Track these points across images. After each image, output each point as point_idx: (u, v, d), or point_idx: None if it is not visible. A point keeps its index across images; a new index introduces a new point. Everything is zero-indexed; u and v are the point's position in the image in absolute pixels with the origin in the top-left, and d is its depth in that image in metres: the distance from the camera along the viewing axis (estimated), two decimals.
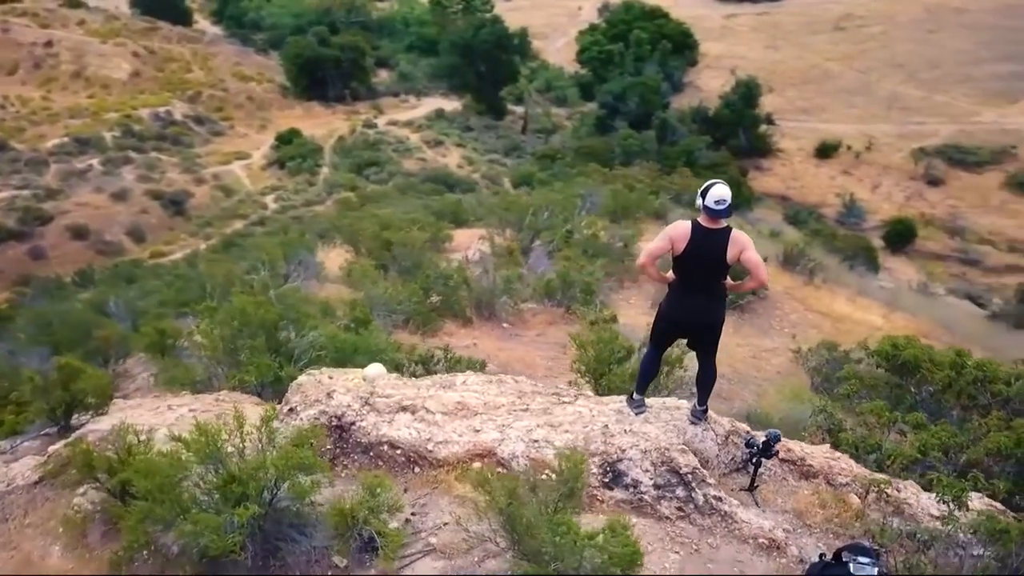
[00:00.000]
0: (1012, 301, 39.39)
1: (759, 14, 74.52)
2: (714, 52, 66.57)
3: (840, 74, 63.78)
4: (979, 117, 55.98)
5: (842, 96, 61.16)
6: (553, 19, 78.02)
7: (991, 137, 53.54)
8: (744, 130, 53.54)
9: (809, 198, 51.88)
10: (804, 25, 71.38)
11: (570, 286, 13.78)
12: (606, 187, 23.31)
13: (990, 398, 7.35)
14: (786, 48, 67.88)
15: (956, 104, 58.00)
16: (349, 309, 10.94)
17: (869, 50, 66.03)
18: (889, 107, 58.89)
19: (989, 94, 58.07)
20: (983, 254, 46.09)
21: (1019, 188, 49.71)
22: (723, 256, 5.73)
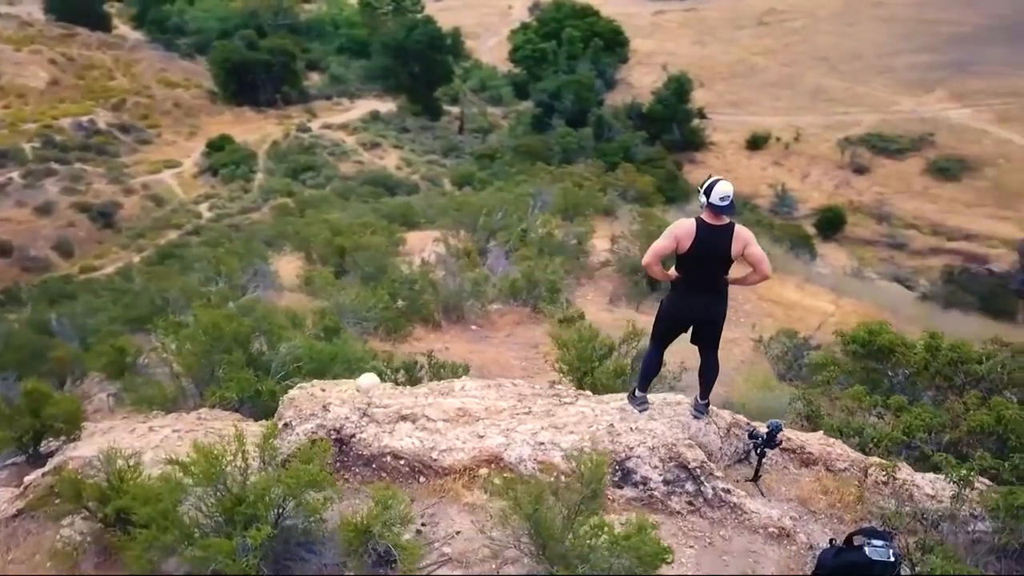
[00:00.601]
0: (938, 282, 41.19)
1: (686, 10, 75.93)
2: (644, 49, 67.56)
3: (766, 68, 65.47)
4: (898, 106, 58.17)
5: (769, 89, 62.78)
6: (484, 19, 78.03)
7: (910, 125, 55.67)
8: (677, 125, 54.52)
9: (742, 189, 52.87)
10: (729, 21, 73.03)
11: (535, 285, 13.79)
12: (555, 186, 23.41)
13: (964, 378, 7.64)
14: (713, 44, 69.35)
15: (876, 94, 60.11)
16: (318, 318, 10.72)
17: (792, 44, 67.97)
18: (814, 99, 60.70)
19: (907, 84, 60.38)
20: (908, 238, 47.95)
21: (939, 174, 51.81)
22: (728, 252, 5.80)
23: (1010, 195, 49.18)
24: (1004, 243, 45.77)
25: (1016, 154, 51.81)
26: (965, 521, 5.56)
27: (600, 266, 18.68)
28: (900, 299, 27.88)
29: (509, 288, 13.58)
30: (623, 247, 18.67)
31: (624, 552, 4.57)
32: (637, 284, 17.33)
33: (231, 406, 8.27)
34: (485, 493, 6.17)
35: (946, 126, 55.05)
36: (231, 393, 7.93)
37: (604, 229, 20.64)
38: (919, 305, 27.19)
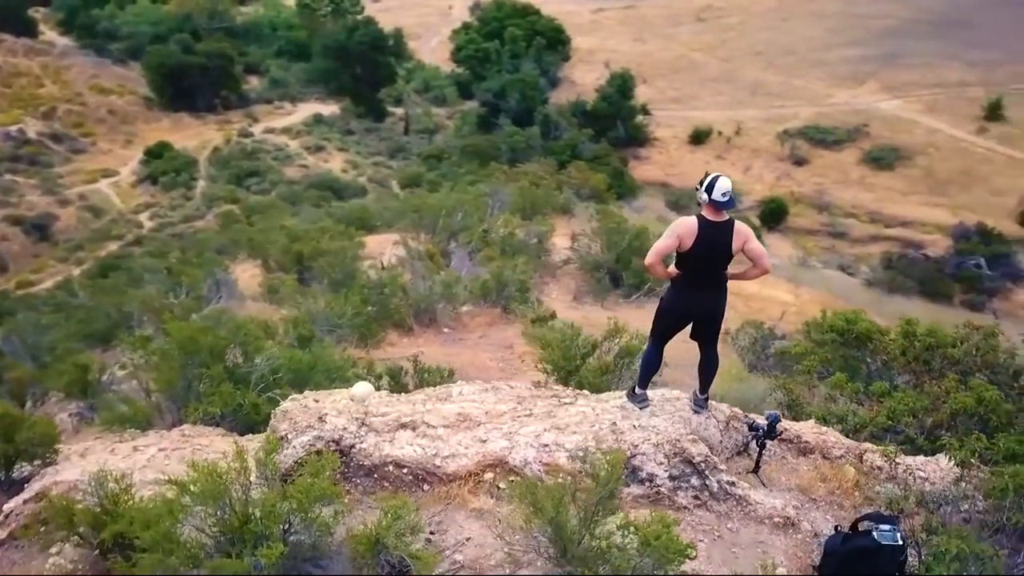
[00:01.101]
0: (879, 269, 42.48)
1: (625, 8, 76.74)
2: (586, 46, 68.04)
3: (705, 63, 66.55)
4: (833, 99, 59.73)
5: (709, 84, 63.85)
6: (424, 19, 77.61)
7: (845, 117, 57.23)
8: (622, 121, 55.02)
9: (687, 183, 53.61)
10: (668, 18, 74.06)
11: (504, 286, 13.77)
12: (511, 185, 23.42)
13: (941, 362, 7.89)
14: (653, 40, 70.24)
15: (812, 87, 61.65)
16: (291, 327, 10.52)
17: (730, 40, 69.25)
18: (753, 93, 61.93)
19: (840, 77, 62.07)
20: (848, 227, 49.26)
21: (874, 163, 53.36)
22: (730, 248, 5.85)
23: (941, 182, 50.96)
24: (938, 229, 47.37)
25: (945, 143, 53.72)
26: (956, 501, 5.73)
27: (562, 264, 18.76)
28: (849, 286, 28.67)
29: (480, 289, 13.53)
30: (584, 245, 18.78)
31: (651, 550, 4.58)
32: (600, 281, 17.45)
33: (213, 421, 8.06)
34: (491, 498, 6.15)
35: (879, 117, 56.74)
36: (214, 408, 7.72)
37: (562, 227, 20.74)
38: (866, 291, 27.99)
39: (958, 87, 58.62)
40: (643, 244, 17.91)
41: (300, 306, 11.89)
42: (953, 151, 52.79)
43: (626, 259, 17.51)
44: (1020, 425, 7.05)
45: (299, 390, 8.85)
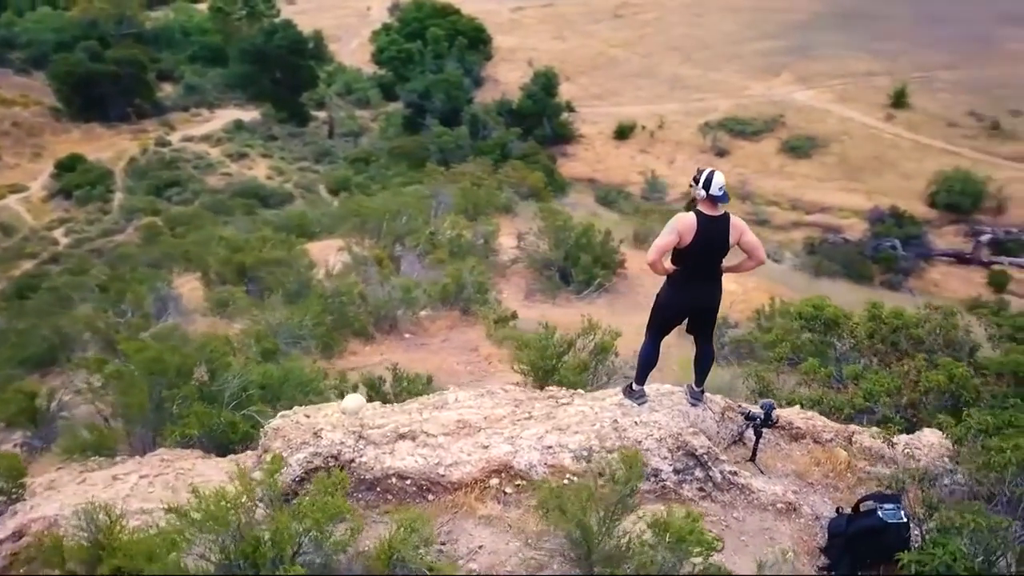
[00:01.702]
0: (801, 254, 43.96)
1: (544, 6, 77.25)
2: (507, 45, 68.25)
3: (625, 59, 67.58)
4: (750, 91, 61.46)
5: (630, 80, 64.86)
6: (343, 21, 76.50)
7: (762, 108, 58.95)
8: (548, 119, 55.39)
9: (614, 178, 54.56)
10: (586, 15, 74.88)
11: (462, 288, 13.69)
12: (452, 186, 23.30)
13: (907, 342, 8.20)
14: (573, 38, 70.93)
15: (729, 80, 63.28)
16: (254, 341, 10.21)
17: (647, 35, 70.50)
18: (673, 87, 63.20)
19: (755, 69, 63.89)
20: (771, 214, 50.76)
21: (792, 152, 55.13)
22: (727, 242, 5.94)
23: (855, 169, 52.99)
24: (855, 213, 49.26)
25: (857, 131, 55.90)
26: (938, 476, 5.97)
27: (511, 264, 18.75)
28: (781, 272, 29.44)
29: (439, 293, 13.41)
30: (531, 243, 18.83)
31: (681, 545, 4.62)
32: (551, 279, 17.53)
33: (187, 443, 7.76)
34: (499, 504, 6.11)
35: (794, 107, 58.65)
36: (192, 429, 7.43)
37: (506, 227, 20.75)
38: (796, 276, 28.83)
39: (865, 77, 61.08)
40: (590, 241, 18.11)
41: (258, 319, 11.54)
42: (864, 138, 54.98)
43: (574, 256, 17.63)
44: (987, 399, 7.39)
45: (272, 406, 8.64)
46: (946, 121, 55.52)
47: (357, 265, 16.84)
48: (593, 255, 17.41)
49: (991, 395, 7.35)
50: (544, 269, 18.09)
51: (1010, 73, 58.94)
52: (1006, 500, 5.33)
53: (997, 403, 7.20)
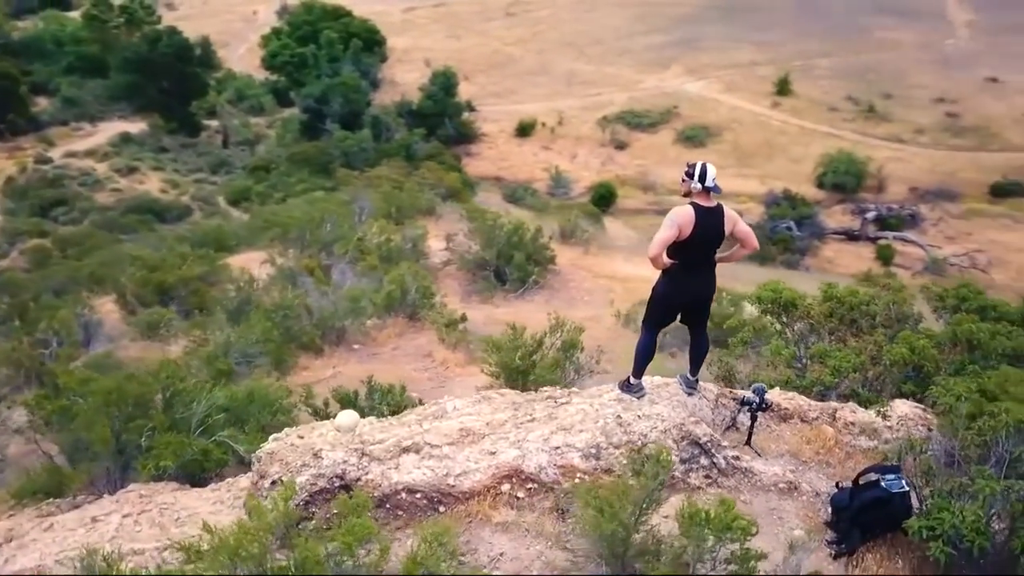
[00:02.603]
0: None
1: (435, 6, 76.97)
2: (402, 46, 67.67)
3: (521, 57, 68.13)
4: (643, 84, 63.05)
5: (527, 77, 65.43)
6: (228, 26, 73.98)
7: (656, 100, 60.59)
8: (449, 119, 55.28)
9: (519, 175, 54.96)
10: (479, 13, 75.07)
11: (406, 293, 13.50)
12: (373, 191, 22.92)
13: (865, 320, 8.61)
14: (467, 37, 70.96)
15: (623, 74, 64.73)
16: (206, 363, 9.78)
17: (541, 32, 71.29)
18: (569, 83, 64.14)
19: (647, 63, 65.59)
20: (672, 203, 52.10)
21: (687, 142, 56.84)
22: (723, 232, 6.05)
23: (747, 155, 55.08)
24: (751, 198, 51.17)
25: (747, 118, 58.19)
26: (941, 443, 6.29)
27: (442, 266, 18.63)
28: None
29: (385, 300, 13.16)
30: (462, 245, 18.77)
31: (721, 533, 4.70)
32: (487, 279, 17.50)
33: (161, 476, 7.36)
34: (512, 509, 6.06)
35: (686, 98, 60.51)
36: (167, 461, 7.04)
37: (432, 229, 20.59)
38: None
39: (750, 66, 63.67)
40: (522, 239, 18.18)
41: (203, 340, 11.04)
42: (754, 125, 57.28)
43: (507, 255, 17.67)
44: (946, 368, 7.83)
45: (240, 429, 8.30)
46: (827, 106, 58.49)
47: (285, 277, 16.37)
48: (526, 253, 17.48)
49: (949, 364, 7.79)
50: (477, 270, 18.06)
51: (880, 59, 62.71)
52: (995, 462, 5.65)
53: (955, 371, 7.65)
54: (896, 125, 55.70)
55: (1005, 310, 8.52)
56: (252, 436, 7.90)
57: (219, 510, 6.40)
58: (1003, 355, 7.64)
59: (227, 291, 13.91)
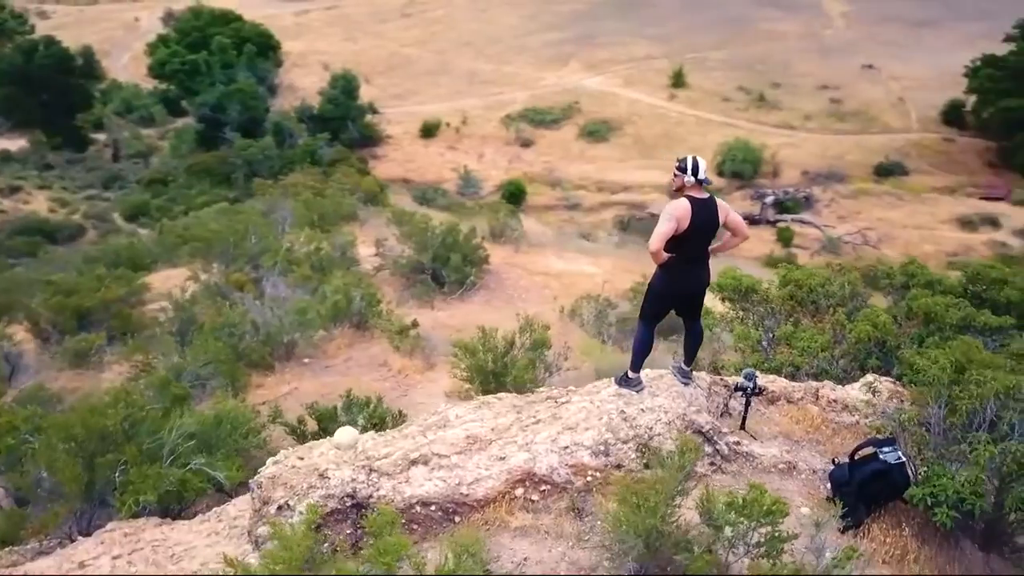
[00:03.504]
0: (613, 232, 46.42)
1: (328, 8, 75.56)
2: (297, 50, 66.13)
3: (419, 58, 67.71)
4: (544, 81, 63.74)
5: (427, 78, 65.11)
6: (109, 34, 70.48)
7: (557, 97, 61.34)
8: (352, 122, 54.41)
9: (427, 176, 54.60)
10: (373, 15, 74.16)
11: (351, 302, 13.21)
12: (292, 199, 22.29)
13: (824, 300, 8.97)
14: (363, 39, 69.99)
15: (522, 72, 65.27)
16: (160, 387, 9.31)
17: (438, 32, 71.03)
18: (470, 82, 64.20)
19: (545, 60, 66.37)
20: (580, 198, 52.97)
21: (590, 137, 57.84)
22: (717, 223, 6.14)
23: (649, 147, 56.46)
24: (655, 188, 52.45)
25: (645, 111, 59.62)
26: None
27: (375, 272, 18.32)
28: (611, 250, 30.90)
29: (331, 310, 12.83)
30: (392, 249, 18.53)
31: (762, 518, 4.81)
32: (424, 283, 17.32)
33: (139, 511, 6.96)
34: (528, 513, 6.01)
35: (586, 94, 61.52)
36: (149, 495, 6.66)
37: (357, 234, 20.23)
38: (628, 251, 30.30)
39: (646, 60, 65.34)
40: (456, 240, 18.08)
41: (146, 365, 10.48)
42: (653, 118, 58.74)
43: (443, 257, 17.54)
44: (906, 342, 8.25)
45: (210, 454, 7.96)
46: (721, 97, 60.60)
47: (212, 294, 15.76)
48: (462, 254, 17.39)
49: (908, 338, 8.21)
50: (411, 274, 17.85)
51: (767, 50, 65.45)
52: (977, 427, 5.99)
53: (916, 343, 8.07)
54: (786, 113, 58.19)
55: (949, 284, 9.04)
56: (229, 462, 7.58)
57: (216, 542, 6.11)
58: (955, 326, 8.10)
59: (154, 312, 13.27)
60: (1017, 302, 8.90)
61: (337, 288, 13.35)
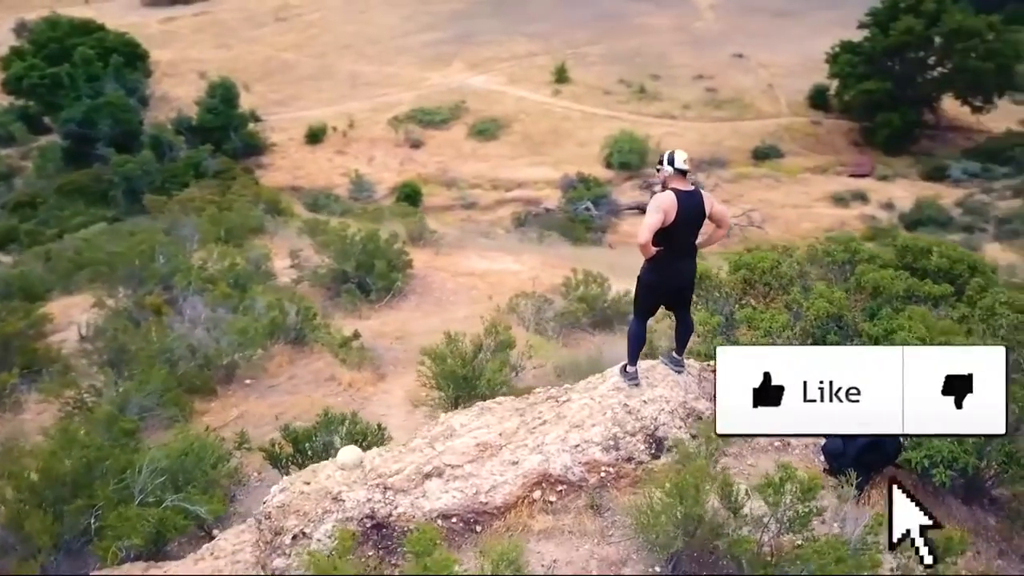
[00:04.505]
0: (511, 229, 46.76)
1: (196, 15, 72.49)
2: (166, 59, 63.12)
3: (298, 62, 65.99)
4: (429, 81, 63.37)
5: (308, 83, 63.54)
6: None
7: (444, 97, 61.11)
8: (234, 131, 52.47)
9: (317, 183, 53.29)
10: (246, 20, 71.69)
11: (286, 317, 12.75)
12: (194, 215, 21.29)
13: (776, 281, 9.34)
14: (237, 45, 67.57)
15: (406, 73, 64.67)
16: (106, 423, 8.71)
17: (315, 36, 69.41)
18: (353, 85, 63.07)
19: (428, 60, 65.98)
20: (476, 196, 53.08)
21: (480, 135, 57.94)
22: (703, 213, 6.18)
23: (538, 143, 57.18)
24: (547, 184, 53.19)
25: (532, 108, 60.28)
26: None
27: (294, 284, 17.74)
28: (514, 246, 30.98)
29: (268, 328, 12.32)
30: (312, 260, 18.03)
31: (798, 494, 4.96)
32: (349, 292, 16.91)
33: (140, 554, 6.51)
34: (548, 515, 5.98)
35: (472, 93, 61.60)
36: (137, 539, 6.22)
37: (279, 248, 19.58)
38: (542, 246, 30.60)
39: (527, 57, 66.03)
40: (379, 246, 17.74)
41: (78, 400, 9.76)
42: (540, 114, 59.48)
43: (367, 264, 17.19)
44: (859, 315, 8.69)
45: (181, 489, 7.55)
46: (603, 90, 61.99)
47: (120, 320, 14.87)
48: (386, 260, 17.09)
49: (860, 311, 8.66)
50: (334, 284, 17.40)
51: (643, 43, 67.41)
52: None
53: (869, 316, 8.52)
54: (666, 103, 60.14)
55: (886, 258, 9.60)
56: (207, 495, 7.18)
57: None
58: (902, 297, 8.60)
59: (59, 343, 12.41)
60: (946, 270, 9.54)
61: (271, 303, 12.84)
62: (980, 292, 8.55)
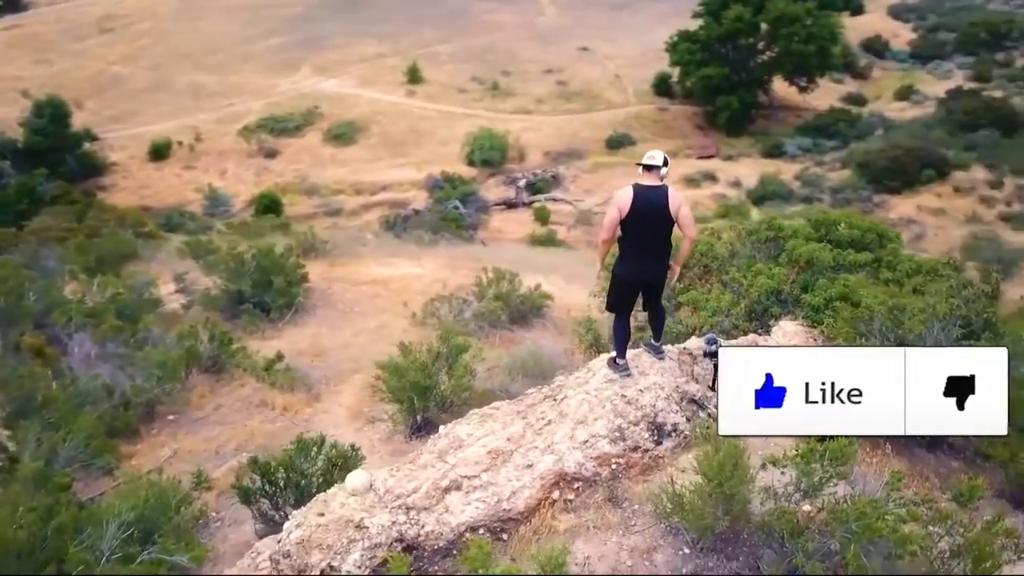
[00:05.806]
0: (381, 233, 46.08)
1: (8, 28, 66.55)
2: None
3: (131, 76, 62.02)
4: (278, 88, 61.24)
5: (144, 96, 59.86)
6: None
7: (295, 103, 59.26)
8: (68, 153, 48.70)
9: (168, 201, 50.34)
10: (65, 33, 66.54)
11: (200, 343, 12.00)
12: (55, 246, 19.58)
13: (712, 263, 9.73)
14: (60, 60, 62.63)
15: (252, 81, 62.20)
16: (37, 483, 7.91)
17: (147, 47, 65.45)
18: (196, 97, 59.99)
19: (274, 66, 63.71)
20: (340, 203, 51.84)
21: (337, 140, 56.59)
22: (666, 209, 6.24)
23: (398, 144, 56.54)
24: (412, 185, 52.78)
25: (388, 109, 59.54)
26: None
27: (184, 310, 16.74)
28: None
29: (184, 357, 11.52)
30: (202, 283, 17.08)
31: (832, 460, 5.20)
32: (249, 312, 16.09)
33: None
34: (570, 513, 5.97)
35: (325, 97, 60.09)
36: None
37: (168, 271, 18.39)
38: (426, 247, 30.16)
39: (377, 59, 65.12)
40: (273, 264, 16.99)
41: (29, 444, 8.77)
42: (397, 115, 58.81)
43: (263, 282, 16.44)
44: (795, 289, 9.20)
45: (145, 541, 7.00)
46: (457, 89, 62.10)
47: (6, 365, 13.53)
48: (283, 275, 16.41)
49: (795, 284, 9.18)
50: (229, 306, 16.52)
51: (491, 40, 68.12)
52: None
53: (803, 288, 9.04)
54: (520, 98, 61.04)
55: (805, 232, 10.20)
56: (182, 543, 6.69)
57: None
58: (832, 267, 9.20)
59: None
60: (858, 239, 10.26)
61: (183, 333, 12.03)
62: (895, 256, 9.28)
